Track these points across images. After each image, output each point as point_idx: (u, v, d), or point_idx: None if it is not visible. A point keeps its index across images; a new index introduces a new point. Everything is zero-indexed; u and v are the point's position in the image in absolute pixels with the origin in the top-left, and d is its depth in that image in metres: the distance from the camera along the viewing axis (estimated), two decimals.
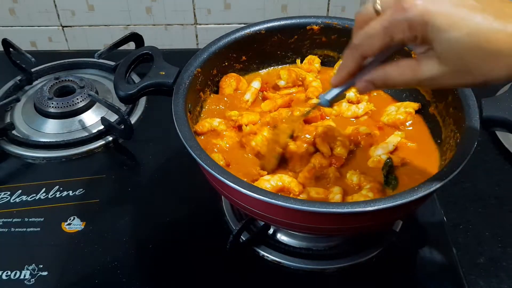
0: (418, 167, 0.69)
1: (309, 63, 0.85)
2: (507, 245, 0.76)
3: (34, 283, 0.71)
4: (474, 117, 0.64)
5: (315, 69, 0.85)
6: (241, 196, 0.59)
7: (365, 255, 0.73)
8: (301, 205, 0.54)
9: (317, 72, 0.85)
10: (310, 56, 0.85)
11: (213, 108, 0.78)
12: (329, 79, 0.83)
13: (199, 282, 0.72)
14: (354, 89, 0.79)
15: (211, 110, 0.78)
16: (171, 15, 1.19)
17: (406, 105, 0.78)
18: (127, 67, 0.72)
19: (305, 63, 0.85)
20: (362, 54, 0.48)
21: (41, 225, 0.79)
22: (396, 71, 0.48)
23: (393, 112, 0.77)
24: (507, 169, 0.88)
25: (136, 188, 0.85)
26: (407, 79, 0.47)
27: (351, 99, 0.80)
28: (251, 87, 0.80)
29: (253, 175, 0.67)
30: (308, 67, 0.85)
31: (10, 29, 1.22)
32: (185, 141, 0.61)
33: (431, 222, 0.79)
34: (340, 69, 0.52)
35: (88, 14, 1.19)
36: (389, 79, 0.48)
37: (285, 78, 0.81)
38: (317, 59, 0.85)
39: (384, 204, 0.54)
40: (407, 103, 0.78)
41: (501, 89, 1.00)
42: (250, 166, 0.69)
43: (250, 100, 0.79)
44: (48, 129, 0.95)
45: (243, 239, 0.73)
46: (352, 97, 0.80)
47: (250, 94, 0.79)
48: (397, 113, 0.77)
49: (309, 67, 0.85)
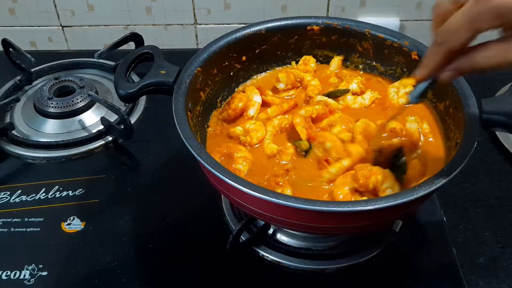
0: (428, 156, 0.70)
1: (304, 64, 0.85)
2: (507, 245, 0.76)
3: (34, 283, 0.71)
4: (474, 117, 0.64)
5: (311, 69, 0.85)
6: (241, 195, 0.59)
7: (364, 255, 0.73)
8: (301, 204, 0.54)
9: (313, 72, 0.85)
10: (305, 57, 0.85)
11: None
12: (326, 77, 0.84)
13: (199, 282, 0.72)
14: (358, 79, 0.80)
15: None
16: (171, 15, 1.19)
17: (404, 83, 0.78)
18: (127, 66, 0.72)
19: (301, 64, 0.85)
20: (449, 49, 0.47)
21: (41, 225, 0.78)
22: (484, 55, 0.46)
23: (394, 96, 0.78)
24: (507, 169, 0.88)
25: (136, 188, 0.85)
26: (497, 62, 0.46)
27: (355, 90, 0.80)
28: (254, 102, 0.78)
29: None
30: (304, 67, 0.85)
31: (10, 29, 1.22)
32: (185, 140, 0.61)
33: (431, 222, 0.79)
34: (426, 64, 0.51)
35: (88, 14, 1.19)
36: (477, 64, 0.47)
37: (284, 81, 0.81)
38: (312, 59, 0.85)
39: (384, 203, 0.54)
40: (404, 81, 0.79)
41: (501, 89, 1.00)
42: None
43: (255, 115, 0.77)
44: (48, 129, 0.95)
45: (243, 239, 0.73)
46: (355, 88, 0.80)
47: (254, 109, 0.77)
48: (399, 96, 0.78)
49: (305, 67, 0.85)
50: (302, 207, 0.54)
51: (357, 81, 0.80)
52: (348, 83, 0.81)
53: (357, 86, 0.80)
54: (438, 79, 0.52)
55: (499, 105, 0.64)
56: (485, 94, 0.68)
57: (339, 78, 0.83)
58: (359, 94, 0.80)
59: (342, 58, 0.85)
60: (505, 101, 0.65)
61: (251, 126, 0.74)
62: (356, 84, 0.80)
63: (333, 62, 0.85)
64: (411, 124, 0.72)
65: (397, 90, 0.79)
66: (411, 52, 0.77)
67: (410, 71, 0.79)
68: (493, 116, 0.64)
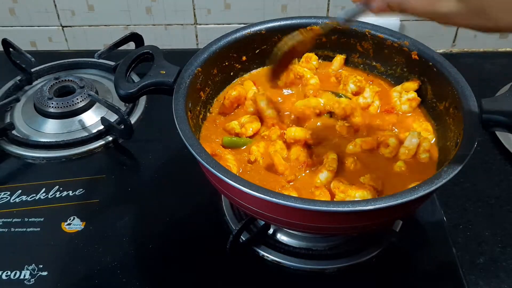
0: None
1: (306, 61, 0.85)
2: (507, 245, 0.76)
3: (34, 283, 0.71)
4: (474, 117, 0.64)
5: (313, 67, 0.85)
6: (241, 195, 0.59)
7: (365, 255, 0.73)
8: (301, 204, 0.54)
9: (315, 69, 0.85)
10: (307, 54, 0.86)
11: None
12: (327, 76, 0.84)
13: (199, 282, 0.72)
14: (354, 78, 0.80)
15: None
16: (171, 15, 1.19)
17: (406, 87, 0.79)
18: (127, 66, 0.72)
19: (303, 61, 0.86)
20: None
21: (41, 225, 0.78)
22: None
23: (397, 102, 0.78)
24: (507, 169, 0.88)
25: (136, 188, 0.85)
26: (423, 8, 0.47)
27: (353, 90, 0.80)
28: (252, 90, 0.80)
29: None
30: (306, 65, 0.85)
31: (10, 29, 1.22)
32: (186, 140, 0.61)
33: (431, 222, 0.79)
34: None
35: (88, 14, 1.19)
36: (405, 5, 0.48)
37: (283, 79, 0.81)
38: (314, 56, 0.86)
39: (384, 203, 0.54)
40: (407, 85, 0.79)
41: (501, 89, 1.00)
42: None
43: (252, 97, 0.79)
44: (48, 129, 0.95)
45: (243, 239, 0.73)
46: (353, 88, 0.80)
47: (252, 93, 0.79)
48: (401, 103, 0.78)
49: (307, 65, 0.85)
50: (302, 207, 0.54)
51: (353, 80, 0.80)
52: (345, 85, 0.81)
53: (354, 86, 0.80)
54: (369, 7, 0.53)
55: (499, 105, 0.65)
56: (485, 94, 0.68)
57: (337, 79, 0.83)
58: (359, 92, 0.80)
59: (344, 57, 0.85)
60: (505, 101, 0.65)
61: (246, 120, 0.76)
62: (352, 84, 0.80)
63: (335, 61, 0.86)
64: (411, 139, 0.71)
65: (400, 95, 0.79)
66: (411, 52, 0.77)
67: (410, 71, 0.80)
68: (493, 116, 0.64)
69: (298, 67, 0.83)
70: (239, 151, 0.73)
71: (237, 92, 0.78)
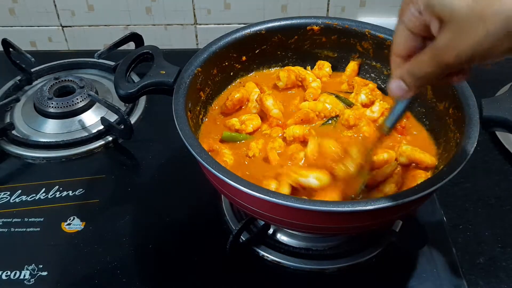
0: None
1: (319, 68, 0.85)
2: (507, 245, 0.76)
3: (33, 283, 0.71)
4: (474, 117, 0.64)
5: (326, 74, 0.84)
6: (241, 195, 0.59)
7: (365, 255, 0.73)
8: (301, 204, 0.54)
9: (328, 76, 0.84)
10: (319, 61, 0.85)
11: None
12: (339, 83, 0.84)
13: (199, 282, 0.71)
14: (367, 90, 0.79)
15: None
16: (171, 15, 1.19)
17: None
18: (127, 66, 0.72)
19: (315, 68, 0.85)
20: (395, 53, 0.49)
21: (41, 225, 0.79)
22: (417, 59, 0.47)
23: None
24: (507, 169, 0.88)
25: (136, 188, 0.85)
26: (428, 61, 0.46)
27: (364, 102, 0.79)
28: (255, 92, 0.80)
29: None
30: (319, 72, 0.84)
31: (10, 29, 1.22)
32: (186, 140, 0.61)
33: (431, 222, 0.79)
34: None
35: (88, 14, 1.19)
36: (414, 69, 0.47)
37: (285, 80, 0.81)
38: (326, 63, 0.85)
39: (384, 203, 0.54)
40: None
41: (501, 89, 1.00)
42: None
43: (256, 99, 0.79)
44: (48, 129, 0.95)
45: (243, 239, 0.73)
46: (364, 100, 0.79)
47: (255, 96, 0.79)
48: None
49: (319, 72, 0.84)
50: (302, 207, 0.54)
51: (365, 92, 0.79)
52: (357, 94, 0.79)
53: (365, 97, 0.79)
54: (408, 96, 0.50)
55: (499, 105, 0.65)
56: (485, 94, 0.68)
57: (350, 86, 0.82)
58: (369, 105, 0.79)
59: (359, 62, 0.85)
60: (505, 101, 0.65)
61: (247, 117, 0.76)
62: (364, 95, 0.79)
63: (348, 68, 0.85)
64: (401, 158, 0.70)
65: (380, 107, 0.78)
66: None
67: None
68: (493, 116, 0.64)
69: (300, 70, 0.83)
70: (238, 146, 0.73)
71: (241, 94, 0.78)
